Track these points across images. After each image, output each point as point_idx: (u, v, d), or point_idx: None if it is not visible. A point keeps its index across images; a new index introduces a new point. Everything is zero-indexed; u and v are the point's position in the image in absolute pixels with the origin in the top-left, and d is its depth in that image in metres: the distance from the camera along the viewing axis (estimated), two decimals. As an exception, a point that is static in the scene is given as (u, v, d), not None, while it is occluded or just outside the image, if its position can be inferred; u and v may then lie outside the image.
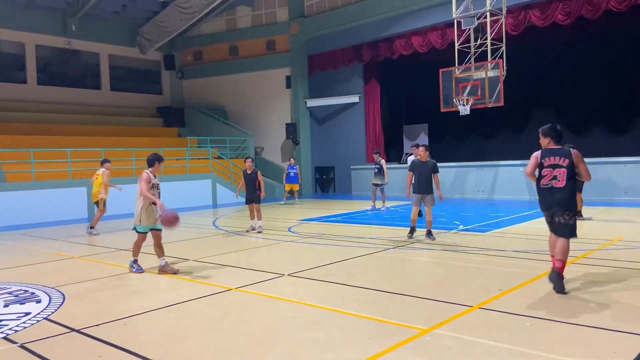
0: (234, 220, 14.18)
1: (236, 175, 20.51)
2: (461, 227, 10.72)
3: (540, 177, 5.83)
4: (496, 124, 19.49)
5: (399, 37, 19.43)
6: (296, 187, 18.28)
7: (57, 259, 8.97)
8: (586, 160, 6.03)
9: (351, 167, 21.19)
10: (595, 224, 10.85)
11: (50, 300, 6.04)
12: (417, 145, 9.66)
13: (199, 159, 20.50)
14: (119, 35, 23.14)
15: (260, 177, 11.37)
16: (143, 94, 24.54)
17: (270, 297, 5.83)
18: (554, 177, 5.71)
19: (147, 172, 7.48)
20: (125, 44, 23.46)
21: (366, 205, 15.74)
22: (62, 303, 5.91)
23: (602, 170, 14.94)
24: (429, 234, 9.32)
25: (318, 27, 21.76)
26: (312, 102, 22.50)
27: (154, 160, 7.63)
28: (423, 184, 9.17)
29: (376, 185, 14.72)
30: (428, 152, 9.30)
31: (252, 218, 11.33)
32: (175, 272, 7.22)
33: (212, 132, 22.67)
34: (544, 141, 5.92)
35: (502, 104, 14.78)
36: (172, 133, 23.17)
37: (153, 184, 7.50)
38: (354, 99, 21.53)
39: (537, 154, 5.92)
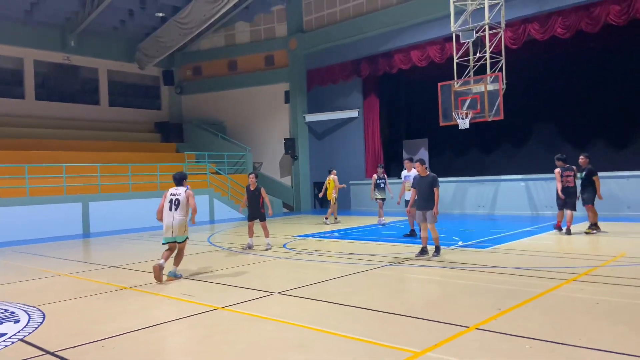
0: (230, 237, 13.93)
1: (234, 191, 20.31)
2: (460, 243, 10.46)
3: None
4: (496, 138, 19.33)
5: (397, 51, 19.36)
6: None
7: (44, 276, 8.73)
8: None
9: (350, 182, 20.96)
10: (598, 239, 10.57)
11: (29, 320, 5.79)
12: (411, 159, 9.65)
13: (196, 174, 20.31)
14: (117, 50, 23.15)
15: (264, 193, 10.77)
16: (141, 110, 24.49)
17: (257, 316, 5.57)
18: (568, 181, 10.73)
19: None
20: (124, 60, 23.47)
21: (365, 221, 15.49)
22: (41, 323, 5.67)
23: (604, 185, 14.54)
24: (437, 250, 8.99)
25: (317, 42, 21.74)
26: (311, 117, 22.38)
27: (183, 178, 8.12)
28: (423, 199, 8.94)
29: (383, 199, 14.50)
30: (424, 166, 9.04)
31: (251, 236, 10.94)
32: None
33: (211, 147, 22.54)
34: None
35: (501, 117, 14.61)
36: (170, 148, 23.04)
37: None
38: (353, 113, 21.41)
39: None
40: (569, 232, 11.01)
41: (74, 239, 14.50)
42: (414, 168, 10.01)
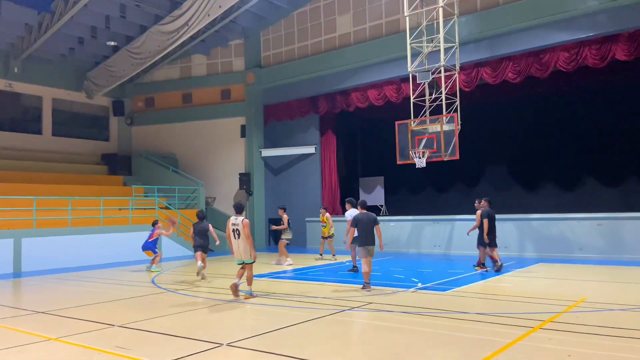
0: (176, 276, 13.01)
1: (184, 227, 19.34)
2: (420, 285, 10.07)
3: None
4: (451, 178, 19.47)
5: (355, 89, 19.37)
6: None
7: (-42, 324, 7.64)
8: (538, 216, 5.97)
9: (306, 219, 20.44)
10: (555, 282, 10.46)
11: None
12: (350, 200, 11.70)
13: (144, 208, 19.26)
14: (64, 78, 22.10)
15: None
16: (88, 140, 23.30)
17: (201, 375, 4.89)
18: None
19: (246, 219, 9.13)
20: (72, 88, 22.42)
21: (321, 260, 14.97)
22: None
23: (555, 227, 14.85)
24: (368, 286, 9.53)
25: (274, 78, 21.53)
26: (267, 152, 21.92)
27: (242, 208, 9.42)
28: (368, 236, 9.51)
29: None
30: (352, 206, 10.60)
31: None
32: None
33: (161, 181, 21.57)
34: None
35: (457, 157, 14.62)
36: (117, 181, 21.89)
37: None
38: (310, 149, 21.11)
39: None
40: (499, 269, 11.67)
41: (2, 279, 13.16)
42: (354, 208, 11.22)
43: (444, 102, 14.90)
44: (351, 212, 11.88)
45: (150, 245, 14.27)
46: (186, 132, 23.43)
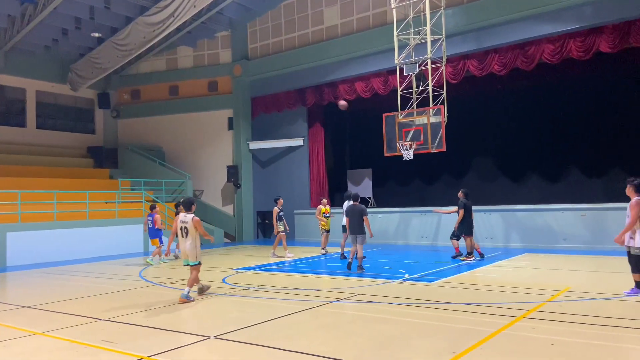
0: (164, 271, 12.94)
1: (172, 220, 19.21)
2: (407, 276, 10.12)
3: None
4: (438, 170, 19.53)
5: (342, 82, 19.32)
6: None
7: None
8: (523, 207, 5.91)
9: (295, 211, 20.43)
10: (540, 272, 10.59)
11: None
12: (349, 196, 11.92)
13: (131, 202, 19.10)
14: (48, 70, 21.75)
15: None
16: (73, 133, 23.00)
17: (188, 368, 4.87)
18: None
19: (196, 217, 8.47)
20: (56, 80, 22.08)
21: (310, 252, 14.98)
22: None
23: (540, 218, 15.01)
24: (360, 268, 10.76)
25: (261, 70, 21.40)
26: (255, 145, 21.83)
27: (191, 204, 8.68)
28: (353, 225, 10.79)
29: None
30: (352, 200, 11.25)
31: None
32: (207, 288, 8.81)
33: (148, 174, 21.39)
34: None
35: (444, 149, 14.68)
36: (103, 174, 21.67)
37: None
38: (298, 142, 21.06)
39: None
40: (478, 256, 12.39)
41: (-13, 274, 12.99)
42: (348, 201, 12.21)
43: (430, 94, 14.92)
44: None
45: (159, 234, 14.05)
46: (173, 125, 23.23)
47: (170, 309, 7.80)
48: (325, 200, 15.41)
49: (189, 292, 8.24)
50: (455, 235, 12.75)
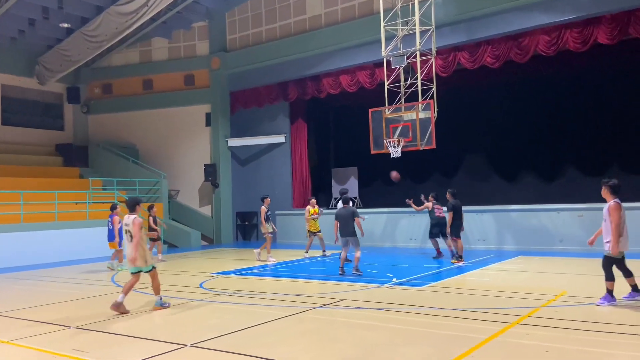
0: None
1: (146, 221, 19.01)
2: (395, 280, 10.15)
3: None
4: (427, 168, 19.56)
5: (326, 75, 19.30)
6: None
7: None
8: (518, 207, 5.88)
9: (276, 212, 20.36)
10: (534, 275, 10.68)
11: None
12: (346, 200, 11.63)
13: (102, 202, 18.87)
14: (15, 63, 21.42)
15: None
16: (41, 130, 22.68)
17: (162, 380, 4.81)
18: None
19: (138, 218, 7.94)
20: (22, 74, 21.78)
21: (293, 255, 14.95)
22: None
23: (535, 218, 15.09)
24: (357, 270, 10.72)
25: (241, 62, 21.29)
26: (234, 142, 21.72)
27: (135, 204, 8.13)
28: (345, 228, 10.80)
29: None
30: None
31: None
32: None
33: (121, 173, 21.17)
34: None
35: (434, 146, 14.73)
36: (73, 173, 21.41)
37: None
38: (280, 139, 21.01)
39: None
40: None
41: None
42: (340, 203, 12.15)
43: (419, 89, 14.97)
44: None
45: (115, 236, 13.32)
46: (147, 121, 23.02)
47: (145, 316, 7.71)
48: (314, 200, 15.24)
49: (161, 299, 8.17)
50: (445, 236, 12.85)
